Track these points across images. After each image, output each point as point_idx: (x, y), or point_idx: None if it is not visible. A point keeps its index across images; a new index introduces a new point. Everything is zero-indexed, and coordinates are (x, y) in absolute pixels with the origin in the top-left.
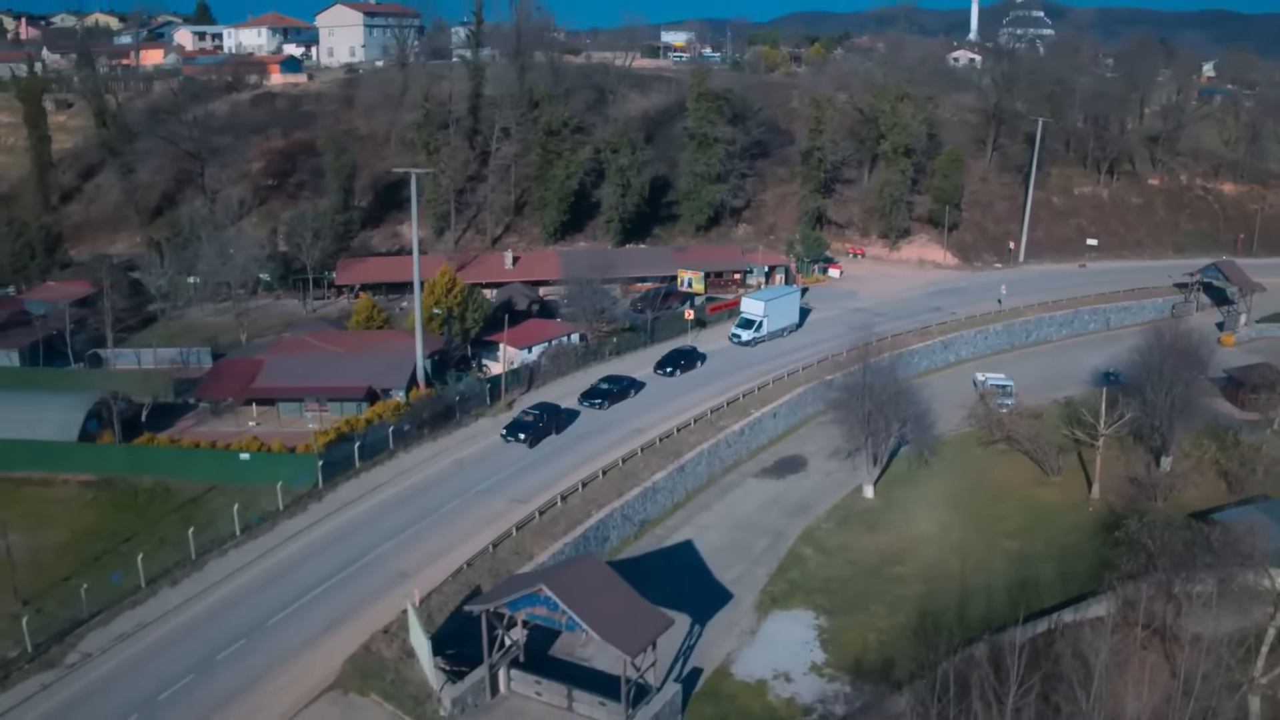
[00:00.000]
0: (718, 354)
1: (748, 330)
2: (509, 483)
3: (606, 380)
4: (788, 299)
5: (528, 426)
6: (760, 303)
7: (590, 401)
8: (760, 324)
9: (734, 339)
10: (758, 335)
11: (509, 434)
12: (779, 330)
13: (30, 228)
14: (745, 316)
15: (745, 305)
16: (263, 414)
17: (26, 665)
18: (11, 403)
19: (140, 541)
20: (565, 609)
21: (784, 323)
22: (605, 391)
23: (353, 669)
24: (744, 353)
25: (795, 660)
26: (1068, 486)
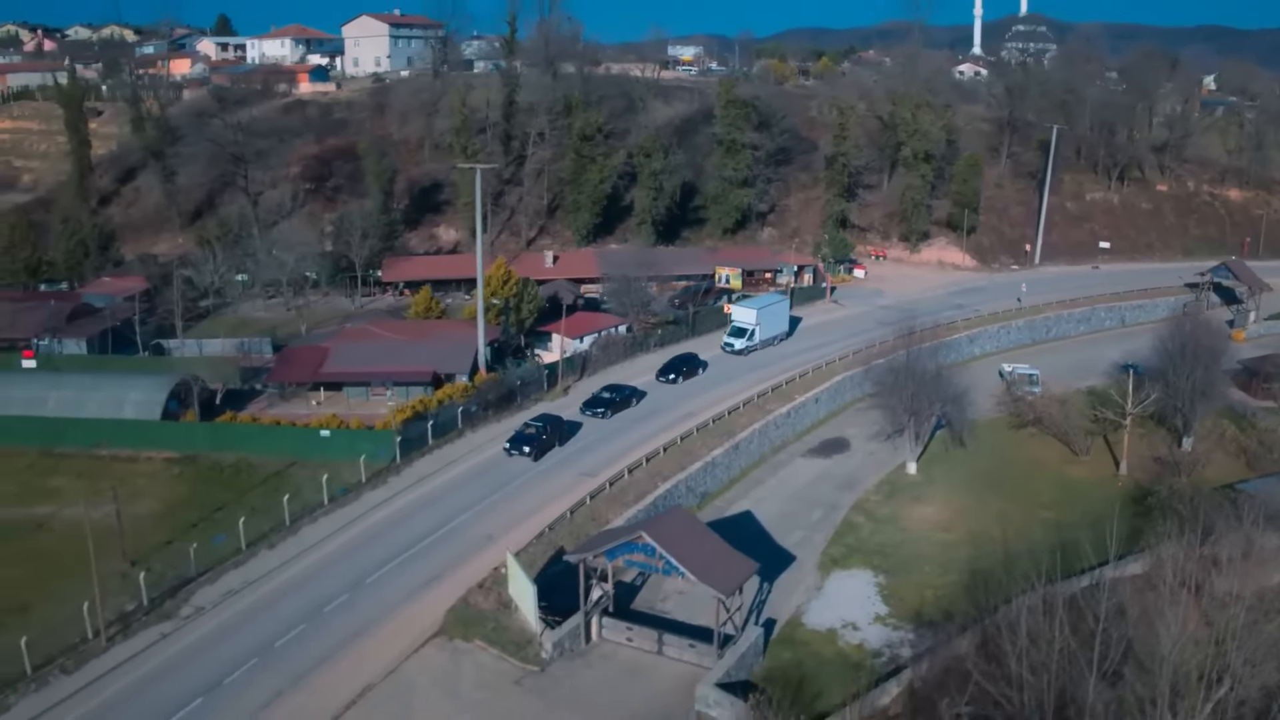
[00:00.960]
0: (716, 360)
1: (740, 339)
2: (575, 459)
3: (608, 389)
4: (778, 307)
5: (531, 439)
6: (752, 310)
7: (593, 411)
8: (752, 332)
9: (726, 348)
10: (750, 344)
11: (512, 447)
12: (770, 339)
13: (83, 226)
14: (737, 325)
15: (737, 313)
16: (330, 398)
17: (144, 616)
18: (96, 384)
19: (231, 511)
20: (663, 553)
21: (775, 331)
22: (608, 401)
23: (455, 618)
24: (742, 360)
25: (860, 612)
26: (1096, 465)
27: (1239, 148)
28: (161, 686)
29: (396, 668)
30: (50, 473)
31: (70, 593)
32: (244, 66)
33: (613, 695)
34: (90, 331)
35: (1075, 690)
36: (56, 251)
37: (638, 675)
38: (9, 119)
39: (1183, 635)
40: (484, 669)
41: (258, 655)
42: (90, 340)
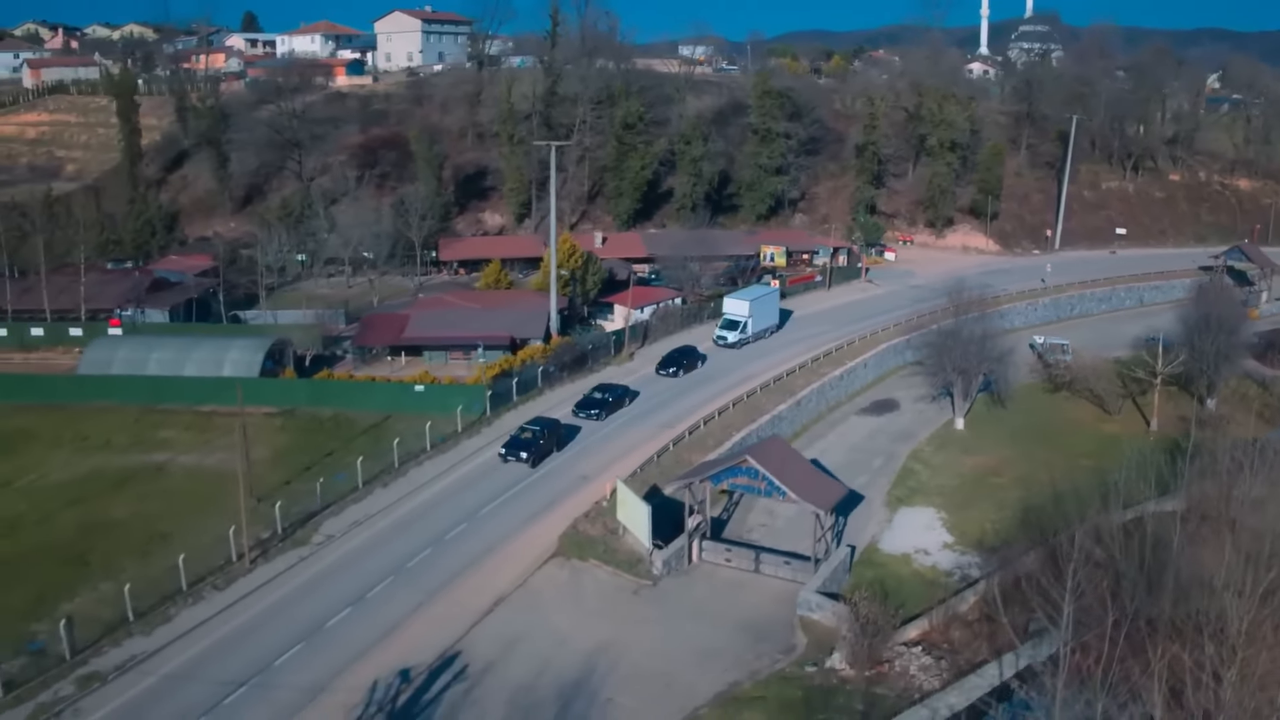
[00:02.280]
0: (714, 353)
1: (733, 331)
2: (653, 413)
3: (600, 389)
4: (769, 299)
5: (529, 444)
6: (745, 302)
7: (586, 413)
8: (745, 324)
9: (719, 341)
10: (743, 336)
11: (508, 453)
12: (762, 331)
13: (150, 207)
14: (729, 317)
15: (728, 306)
16: (409, 363)
17: (280, 543)
18: (194, 346)
19: (339, 457)
20: (766, 475)
21: (766, 323)
22: (600, 401)
23: (568, 542)
24: (740, 353)
25: (928, 540)
26: (1128, 422)
27: (1246, 140)
28: (311, 599)
29: (524, 581)
30: (158, 426)
31: (203, 525)
32: (279, 60)
33: (721, 604)
34: (170, 302)
35: (1130, 603)
36: (124, 231)
37: (740, 589)
38: (45, 112)
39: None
40: (602, 583)
41: (392, 574)
42: (173, 310)
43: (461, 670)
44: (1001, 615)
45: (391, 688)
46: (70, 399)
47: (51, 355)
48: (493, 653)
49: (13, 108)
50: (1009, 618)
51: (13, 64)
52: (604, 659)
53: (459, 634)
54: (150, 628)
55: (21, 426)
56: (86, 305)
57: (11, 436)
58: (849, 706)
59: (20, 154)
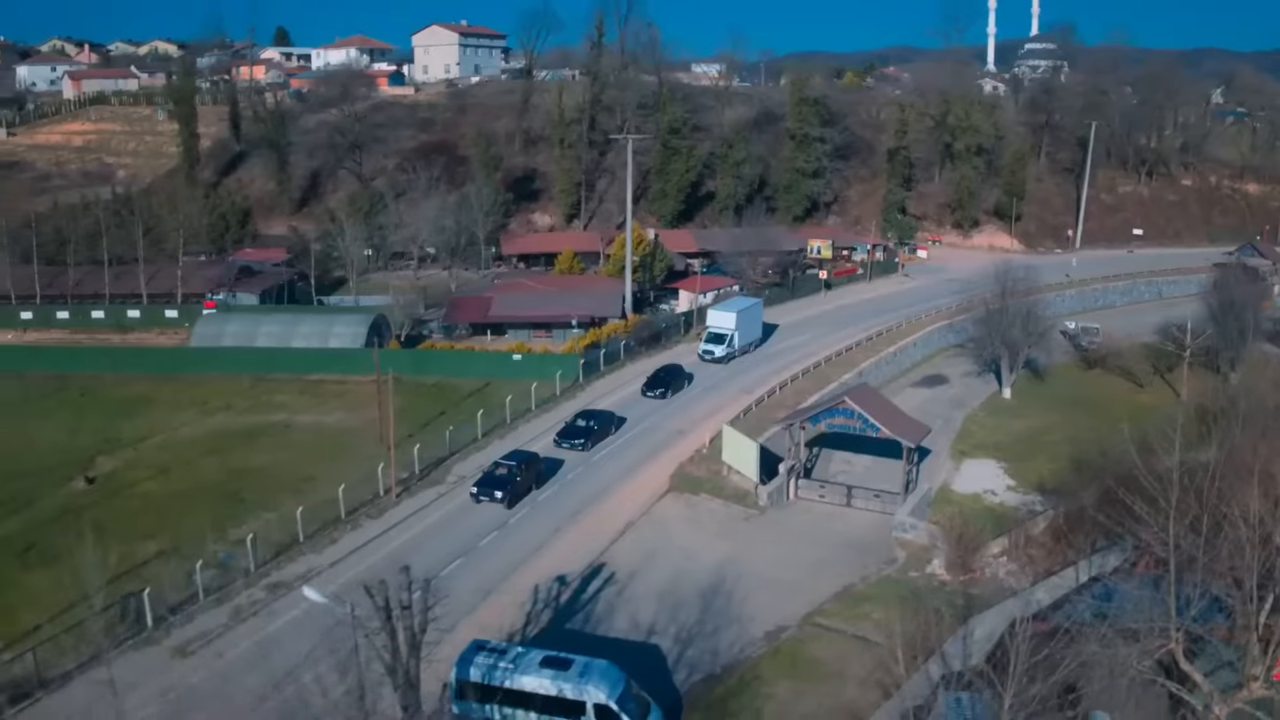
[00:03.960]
0: (699, 369)
1: (719, 345)
2: (732, 379)
3: (583, 416)
4: (754, 310)
5: (503, 482)
6: (731, 314)
7: (570, 442)
8: (731, 338)
9: (705, 355)
10: (730, 350)
11: (480, 492)
12: (747, 345)
13: (224, 203)
14: (714, 330)
15: (713, 318)
16: (493, 340)
17: (418, 482)
18: (300, 321)
19: (449, 415)
20: (862, 414)
21: (751, 336)
22: (586, 430)
23: (680, 479)
24: (729, 370)
25: (993, 484)
26: (1159, 394)
27: (1253, 149)
28: (459, 525)
29: (647, 511)
30: (271, 392)
31: (341, 470)
32: (325, 71)
33: (824, 529)
34: (260, 287)
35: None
36: (200, 225)
37: (836, 518)
38: (89, 122)
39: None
40: (715, 512)
41: (527, 506)
42: (263, 294)
43: (610, 577)
44: (1074, 533)
45: (552, 590)
46: (182, 370)
47: (148, 336)
48: (633, 564)
49: (56, 118)
50: (1077, 539)
51: (49, 76)
52: (731, 569)
53: (600, 550)
54: (319, 548)
55: (141, 394)
56: (186, 289)
57: (134, 402)
58: (952, 601)
59: (69, 160)
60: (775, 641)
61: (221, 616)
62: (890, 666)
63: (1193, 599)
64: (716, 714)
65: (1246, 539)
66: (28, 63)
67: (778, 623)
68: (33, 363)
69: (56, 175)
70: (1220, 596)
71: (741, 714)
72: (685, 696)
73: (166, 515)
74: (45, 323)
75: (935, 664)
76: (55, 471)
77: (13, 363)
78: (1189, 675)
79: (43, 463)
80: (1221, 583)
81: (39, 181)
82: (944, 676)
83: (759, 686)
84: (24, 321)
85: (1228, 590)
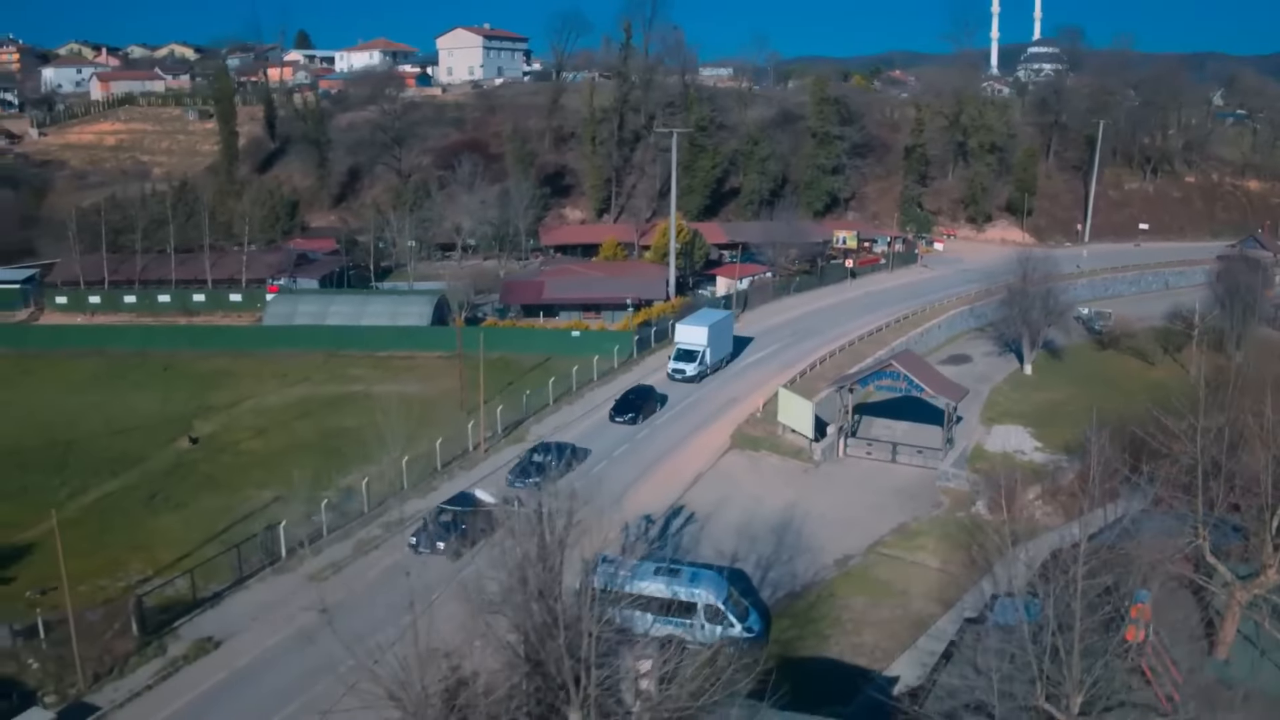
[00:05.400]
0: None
1: (690, 363)
2: (776, 356)
3: (540, 449)
4: (725, 323)
5: (444, 531)
6: (701, 329)
7: (523, 482)
8: (703, 354)
9: (676, 375)
10: (702, 368)
11: (419, 544)
12: (719, 361)
13: (274, 195)
14: (683, 347)
15: (682, 334)
16: (545, 321)
17: (502, 439)
18: (367, 302)
19: (517, 386)
20: (907, 375)
21: (723, 352)
22: (541, 467)
23: (739, 438)
24: (702, 389)
25: (1022, 445)
26: (1169, 371)
27: (1254, 149)
28: None
29: (713, 464)
30: (345, 366)
31: (426, 431)
32: (349, 73)
33: (874, 479)
34: (318, 273)
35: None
36: (252, 216)
37: (884, 472)
38: (119, 122)
39: None
40: (775, 466)
41: (604, 460)
42: (323, 279)
43: (690, 516)
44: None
45: (641, 526)
46: (257, 346)
47: (213, 318)
48: (708, 507)
49: (86, 118)
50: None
51: (75, 78)
52: (796, 510)
53: (676, 496)
54: (422, 494)
55: (221, 368)
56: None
57: (216, 375)
58: (997, 535)
59: (104, 159)
60: (845, 567)
61: (346, 549)
62: (948, 584)
63: (1217, 499)
64: (803, 620)
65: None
66: (51, 65)
67: (844, 552)
68: (113, 340)
69: (92, 173)
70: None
71: (824, 620)
72: (773, 608)
73: (274, 468)
74: (112, 307)
75: (987, 582)
76: (159, 433)
77: (95, 340)
78: (1214, 568)
79: (146, 426)
80: (1239, 497)
81: (76, 179)
82: (995, 594)
83: (836, 600)
84: (92, 305)
85: (1243, 503)
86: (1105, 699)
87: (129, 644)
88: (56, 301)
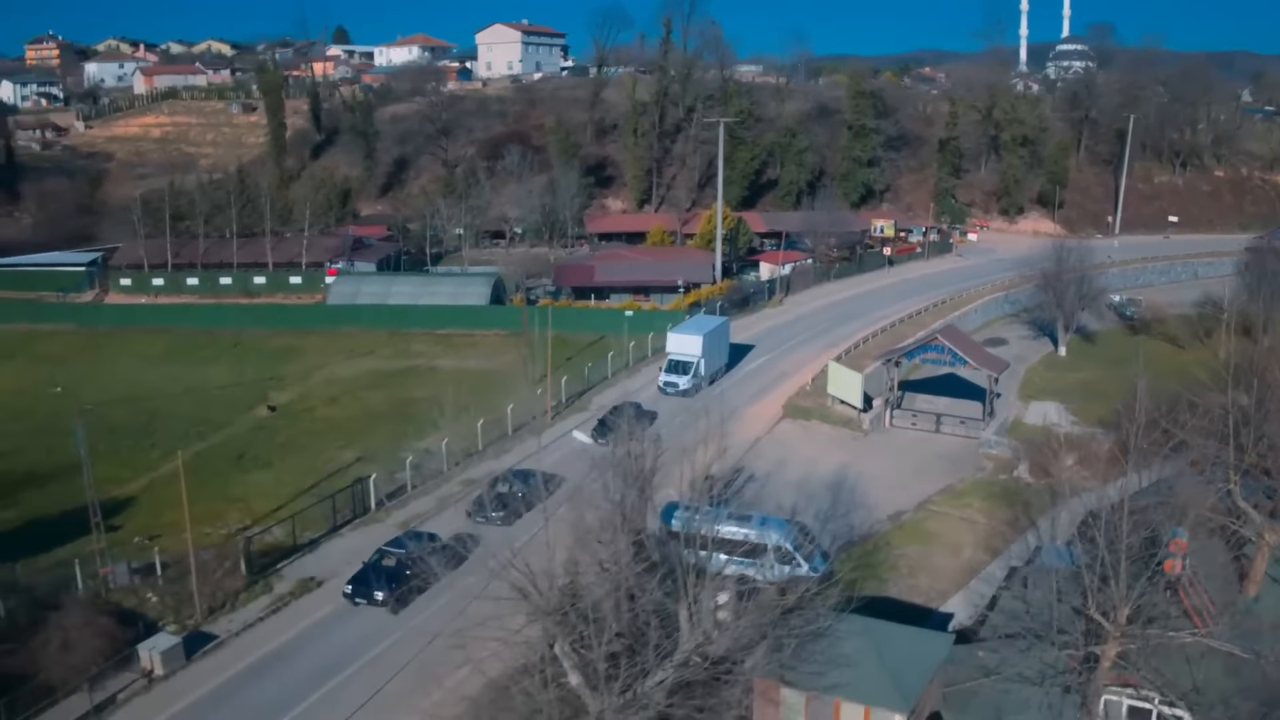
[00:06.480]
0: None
1: (683, 376)
2: (819, 335)
3: (507, 479)
4: (720, 331)
5: (386, 578)
6: (696, 338)
7: (485, 516)
8: (697, 366)
9: (668, 389)
10: (696, 381)
11: (355, 593)
12: (714, 372)
13: (327, 184)
14: (675, 358)
15: (674, 343)
16: (596, 303)
17: (565, 408)
18: (428, 283)
19: (575, 361)
20: (952, 349)
21: (718, 362)
22: (507, 498)
23: (791, 408)
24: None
25: (1058, 419)
26: (1199, 354)
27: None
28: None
29: (769, 431)
30: (409, 342)
31: (492, 401)
32: (392, 67)
33: (919, 447)
34: (375, 257)
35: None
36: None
37: (929, 440)
38: (163, 115)
39: None
40: (827, 434)
41: (664, 426)
42: (381, 261)
43: (750, 476)
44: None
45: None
46: (322, 324)
47: (273, 299)
48: (768, 467)
49: (130, 111)
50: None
51: (117, 73)
52: (849, 471)
53: (737, 458)
54: (497, 455)
55: (288, 344)
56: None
57: (284, 351)
58: (1038, 496)
59: (149, 150)
60: (898, 521)
61: (430, 502)
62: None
63: (1247, 445)
64: (863, 564)
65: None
66: (93, 61)
67: (896, 508)
68: (180, 319)
69: (139, 164)
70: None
71: (881, 566)
72: (832, 556)
73: (352, 432)
74: (175, 289)
75: (1031, 534)
76: (237, 401)
77: (162, 318)
78: (1244, 512)
79: (224, 395)
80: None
81: (126, 170)
82: (1038, 545)
83: (892, 549)
84: (155, 287)
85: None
86: (1146, 615)
87: (238, 582)
88: (120, 283)
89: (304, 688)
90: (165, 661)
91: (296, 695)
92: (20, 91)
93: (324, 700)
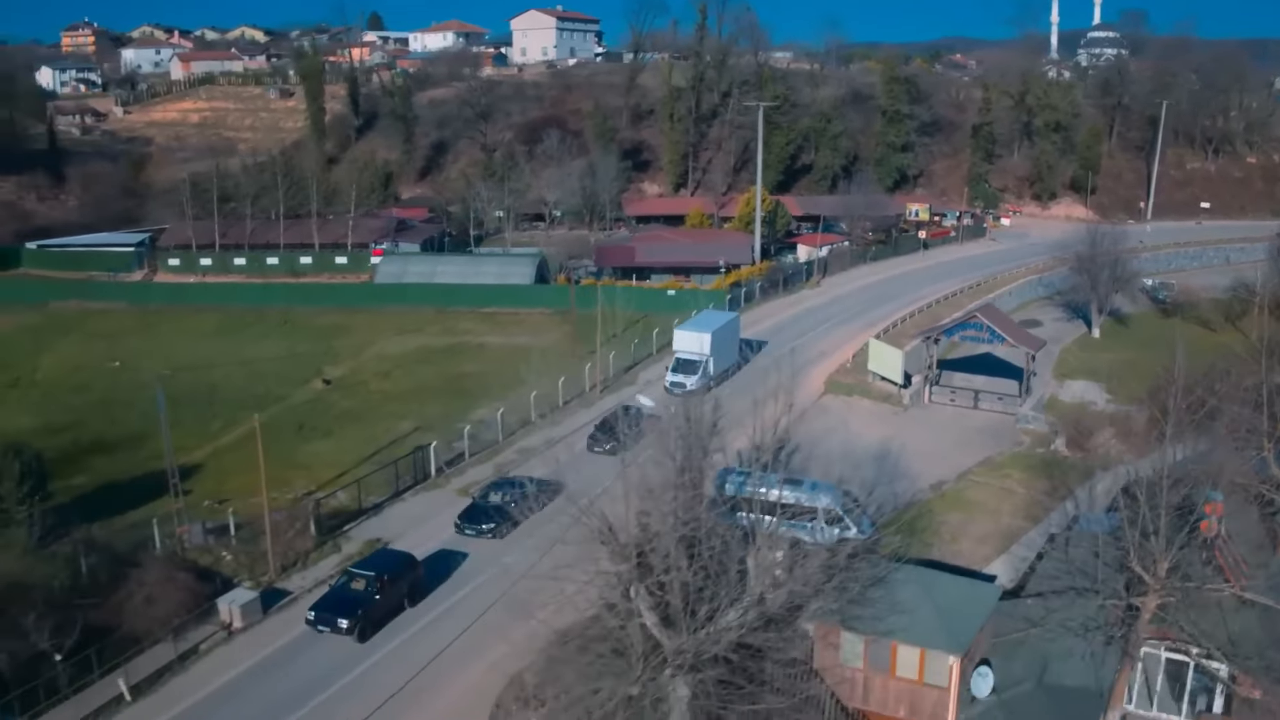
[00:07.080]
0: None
1: (690, 376)
2: (857, 316)
3: (494, 487)
4: (730, 327)
5: (353, 604)
6: (704, 335)
7: (471, 528)
8: (705, 365)
9: (675, 389)
10: (705, 379)
11: (317, 620)
12: (724, 371)
13: (370, 167)
14: (683, 357)
15: (681, 340)
16: (638, 283)
17: (613, 382)
18: (473, 262)
19: (623, 336)
20: (990, 326)
21: (728, 360)
22: (494, 510)
23: (833, 384)
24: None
25: (1094, 397)
26: (1231, 336)
27: None
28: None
29: (814, 403)
30: (456, 320)
31: (541, 376)
32: (428, 53)
33: (958, 422)
34: (418, 238)
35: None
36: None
37: (967, 416)
38: (201, 100)
39: None
40: (868, 408)
41: (711, 400)
42: (426, 242)
43: (797, 445)
44: None
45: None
46: (370, 303)
47: (319, 279)
48: (814, 437)
49: (168, 97)
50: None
51: (154, 59)
52: (892, 444)
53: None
54: (551, 425)
55: (337, 322)
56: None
57: (333, 328)
58: (1075, 469)
59: (188, 135)
60: (939, 490)
61: (487, 470)
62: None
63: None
64: (908, 530)
65: None
66: (130, 47)
67: (938, 478)
68: (229, 297)
69: (179, 148)
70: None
71: (925, 531)
72: (877, 522)
73: (408, 404)
74: (222, 269)
75: (1070, 503)
76: (293, 375)
77: (211, 297)
78: (1277, 477)
79: (278, 370)
80: None
81: (167, 153)
82: (1076, 514)
83: (935, 516)
84: (203, 267)
85: None
86: (1183, 571)
87: (308, 542)
88: (169, 263)
89: (379, 639)
90: (244, 615)
91: (371, 646)
92: (59, 77)
93: (399, 650)
